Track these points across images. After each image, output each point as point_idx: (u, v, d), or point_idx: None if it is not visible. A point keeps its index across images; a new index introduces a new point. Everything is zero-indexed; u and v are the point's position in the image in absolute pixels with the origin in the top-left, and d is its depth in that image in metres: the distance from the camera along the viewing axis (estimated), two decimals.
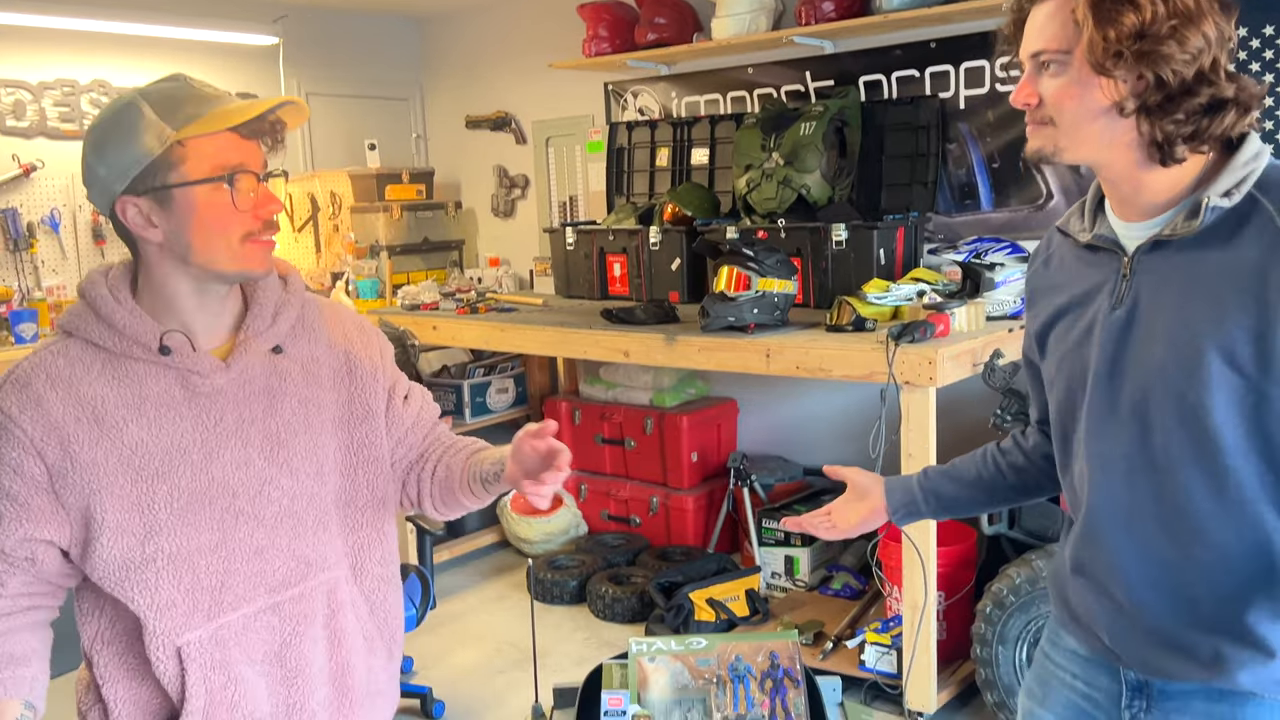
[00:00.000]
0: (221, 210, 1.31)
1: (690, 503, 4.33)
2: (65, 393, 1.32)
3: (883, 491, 1.65)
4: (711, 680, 1.85)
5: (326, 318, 1.53)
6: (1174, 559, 1.26)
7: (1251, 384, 1.17)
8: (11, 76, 4.22)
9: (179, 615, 1.34)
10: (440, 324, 4.16)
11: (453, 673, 3.60)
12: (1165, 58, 1.14)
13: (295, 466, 1.41)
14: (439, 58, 5.59)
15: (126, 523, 1.32)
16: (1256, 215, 1.17)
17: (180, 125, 1.28)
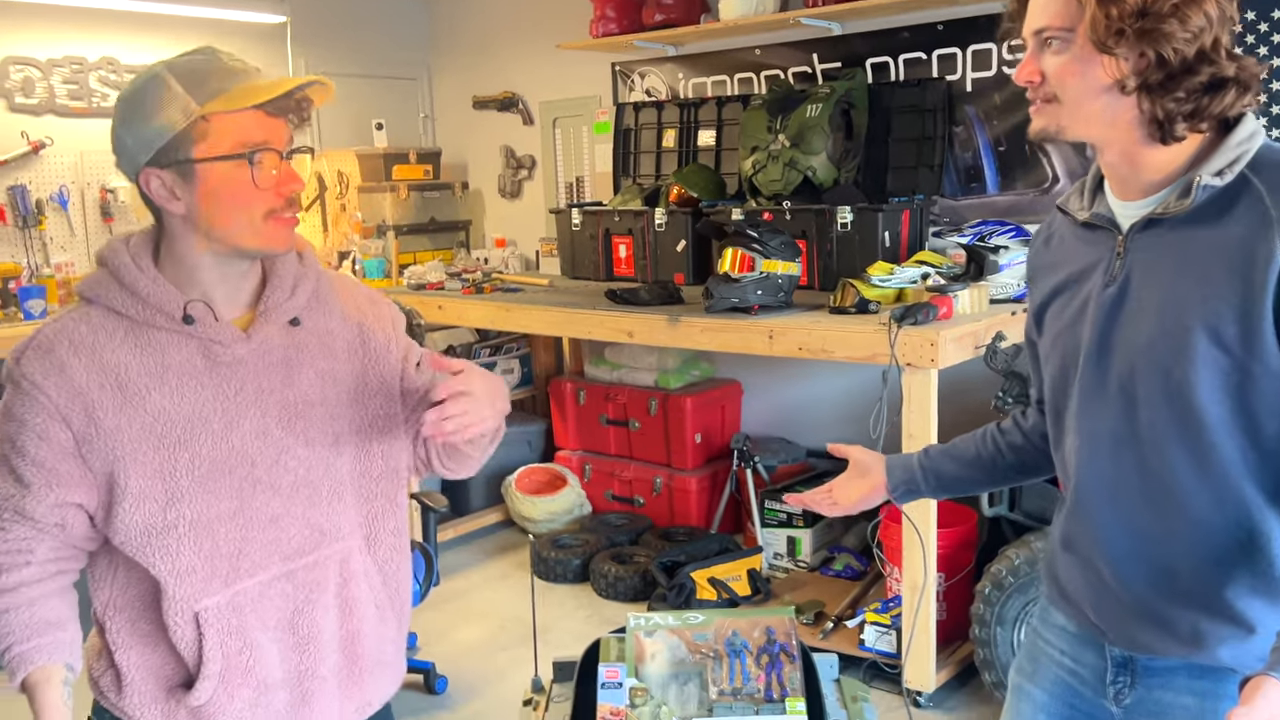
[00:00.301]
0: (242, 187, 1.31)
1: (694, 483, 4.35)
2: (88, 359, 1.33)
3: (883, 469, 1.66)
4: (709, 655, 1.86)
5: (339, 292, 1.54)
6: (1156, 533, 1.28)
7: (1236, 362, 1.18)
8: (21, 54, 4.23)
9: (198, 581, 1.36)
10: (446, 303, 4.18)
11: (456, 649, 3.63)
12: (1167, 36, 1.15)
13: (311, 437, 1.43)
14: (447, 37, 5.59)
15: (149, 489, 1.34)
16: (1247, 195, 1.18)
17: (205, 100, 1.29)
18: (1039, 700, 1.48)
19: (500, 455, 4.95)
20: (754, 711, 1.80)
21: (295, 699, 1.45)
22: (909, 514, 2.98)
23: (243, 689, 1.40)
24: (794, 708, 1.81)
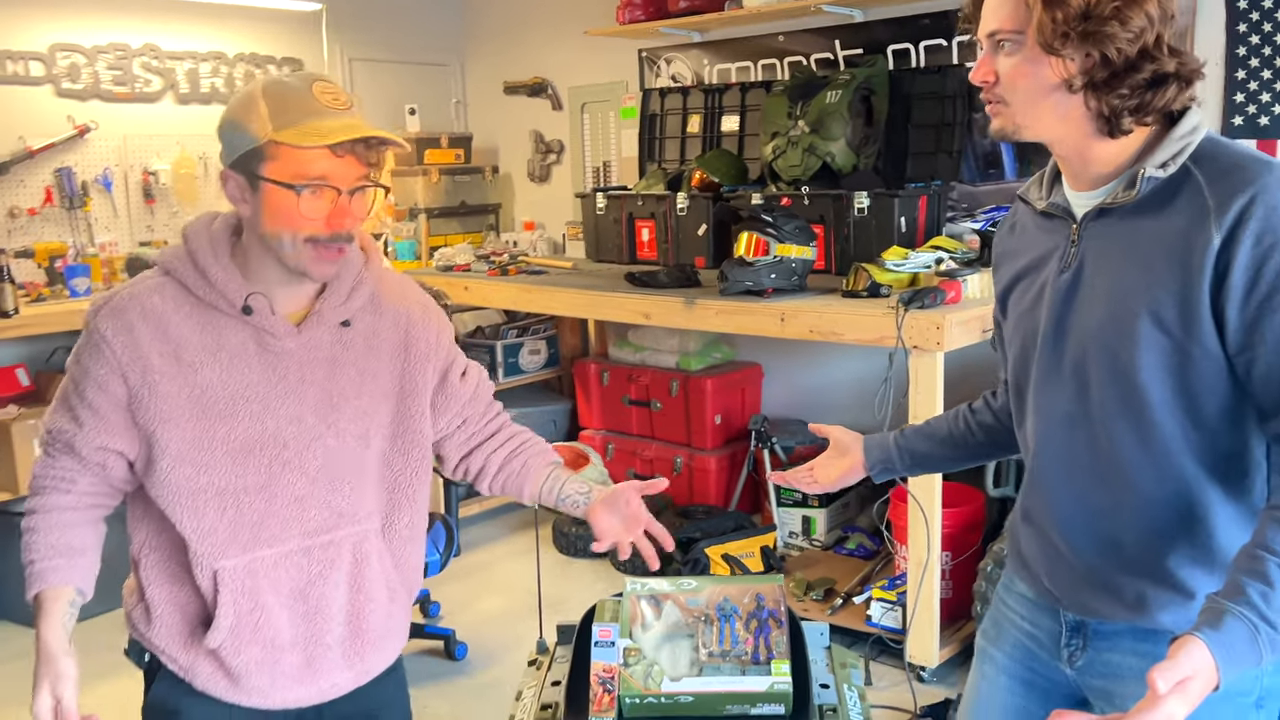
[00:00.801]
0: (289, 212, 1.41)
1: (713, 463, 4.44)
2: (154, 328, 1.47)
3: (861, 449, 1.74)
4: (700, 619, 1.95)
5: (394, 296, 1.64)
6: (1105, 506, 1.35)
7: (1176, 344, 1.24)
8: (68, 41, 4.39)
9: (218, 543, 1.49)
10: (472, 285, 4.29)
11: (477, 618, 3.76)
12: (1109, 36, 1.21)
13: (342, 428, 1.54)
14: (479, 24, 5.69)
15: (186, 453, 1.47)
16: (1188, 186, 1.24)
17: (280, 127, 1.38)
18: (1001, 663, 1.56)
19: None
20: (741, 671, 1.89)
21: (302, 662, 1.57)
22: (914, 492, 3.06)
23: (252, 646, 1.52)
24: (779, 669, 1.89)
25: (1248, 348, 1.21)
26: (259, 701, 1.56)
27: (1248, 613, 1.11)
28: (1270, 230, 1.17)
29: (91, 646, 1.62)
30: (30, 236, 4.28)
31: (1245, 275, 1.18)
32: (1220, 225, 1.19)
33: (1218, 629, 1.10)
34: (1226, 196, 1.20)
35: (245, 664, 1.53)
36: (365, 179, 1.45)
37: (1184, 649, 1.09)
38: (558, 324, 5.08)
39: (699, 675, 1.90)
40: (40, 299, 4.03)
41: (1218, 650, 1.09)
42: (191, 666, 1.54)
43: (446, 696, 3.27)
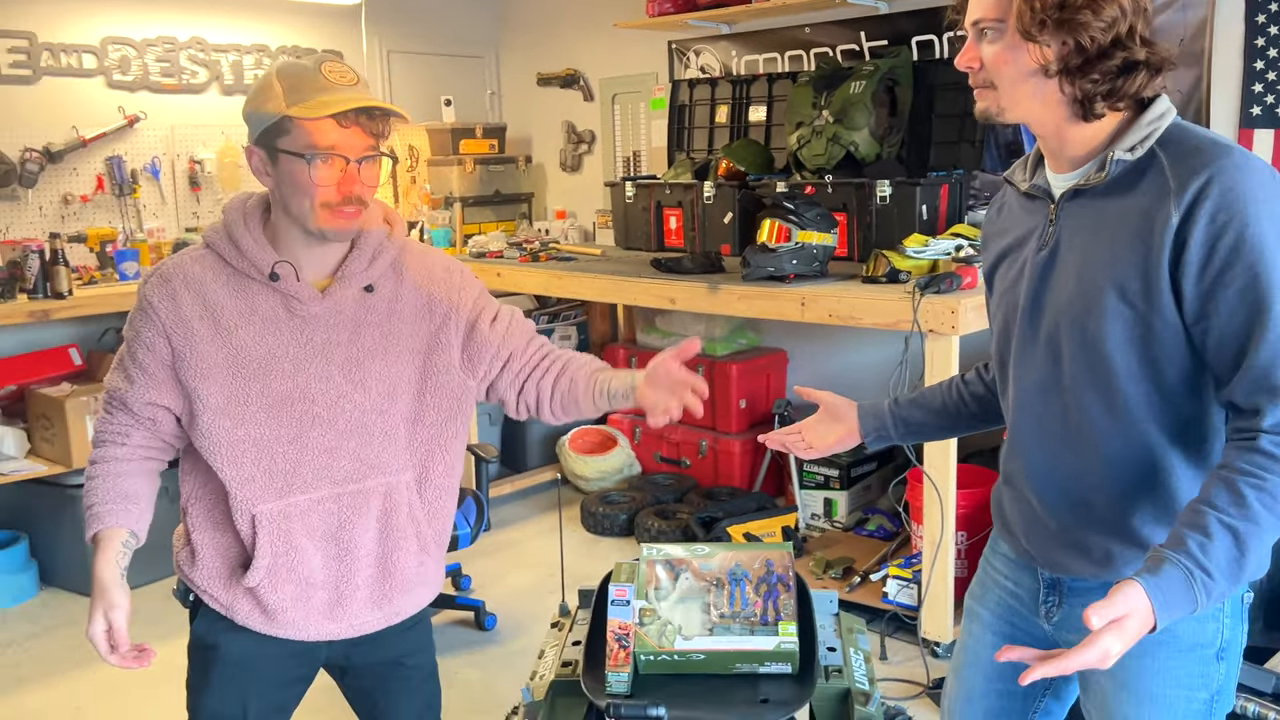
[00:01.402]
0: (303, 180, 1.56)
1: (737, 446, 4.54)
2: (195, 294, 1.63)
3: (856, 415, 1.81)
4: (712, 583, 2.06)
5: (415, 262, 1.75)
6: (1075, 469, 1.44)
7: (1139, 315, 1.33)
8: (118, 34, 4.56)
9: (256, 489, 1.64)
10: (504, 271, 4.42)
11: (507, 591, 3.90)
12: (1083, 25, 1.30)
13: (369, 385, 1.67)
14: (513, 18, 5.81)
15: (225, 408, 1.62)
16: (1153, 168, 1.33)
17: (293, 103, 1.54)
18: (986, 620, 1.66)
19: None
20: (750, 632, 2.00)
21: (332, 600, 1.71)
22: (929, 473, 3.15)
23: (287, 584, 1.67)
24: (786, 630, 2.00)
25: (1202, 318, 1.30)
26: (292, 634, 1.70)
27: (1184, 560, 1.21)
28: (1224, 209, 1.26)
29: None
30: (83, 222, 4.46)
31: (1200, 251, 1.27)
32: (1179, 204, 1.28)
33: (1155, 574, 1.20)
34: (1185, 177, 1.29)
35: (280, 600, 1.67)
36: (372, 149, 1.58)
37: (1121, 591, 1.19)
38: (587, 310, 5.20)
39: (710, 635, 2.02)
40: (92, 282, 4.20)
41: (1154, 593, 1.18)
42: (231, 604, 1.69)
43: (477, 664, 3.40)
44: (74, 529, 3.84)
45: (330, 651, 1.78)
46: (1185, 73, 3.51)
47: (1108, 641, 1.16)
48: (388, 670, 1.85)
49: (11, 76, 4.28)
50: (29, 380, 4.02)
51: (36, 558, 4.02)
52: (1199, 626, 1.40)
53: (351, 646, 1.78)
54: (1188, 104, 3.52)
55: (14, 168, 4.22)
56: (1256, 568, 1.27)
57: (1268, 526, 1.24)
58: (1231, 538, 1.22)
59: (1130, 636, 1.17)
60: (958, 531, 3.29)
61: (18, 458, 3.89)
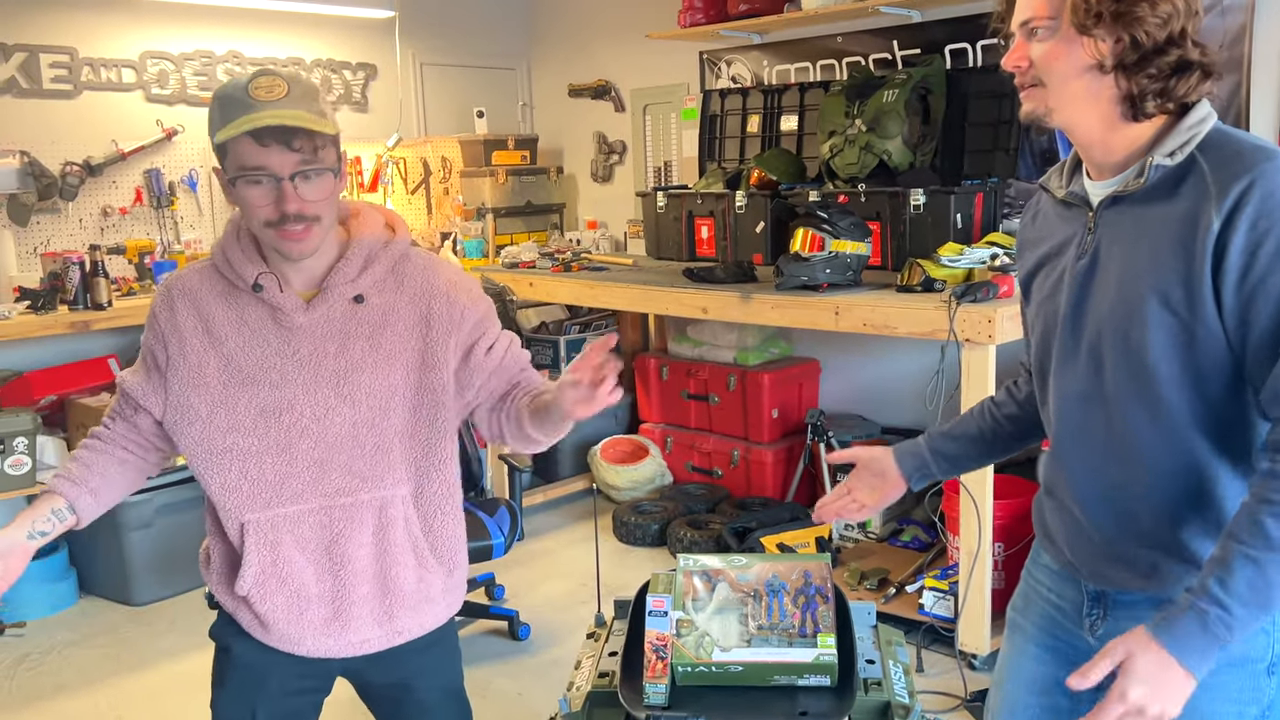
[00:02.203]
0: (244, 202, 1.56)
1: (770, 456, 4.53)
2: (191, 304, 1.66)
3: (895, 463, 1.75)
4: (750, 594, 2.05)
5: (418, 273, 1.71)
6: (1119, 480, 1.42)
7: (1183, 323, 1.31)
8: (156, 48, 4.63)
9: (242, 499, 1.65)
10: (536, 281, 4.43)
11: (540, 601, 3.90)
12: (1139, 19, 1.29)
13: (358, 399, 1.64)
14: (545, 30, 5.84)
15: (213, 417, 1.64)
16: (1194, 173, 1.31)
17: (218, 129, 1.53)
18: (1029, 632, 1.64)
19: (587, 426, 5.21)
20: (788, 644, 1.98)
21: (329, 614, 1.69)
22: (966, 484, 3.12)
23: (278, 595, 1.67)
24: (825, 642, 1.99)
25: (1241, 325, 1.28)
26: (290, 648, 1.70)
27: (1199, 601, 1.25)
28: (1265, 215, 1.24)
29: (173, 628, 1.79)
30: (122, 234, 4.52)
31: (1241, 258, 1.25)
32: (1220, 209, 1.26)
33: (1166, 619, 1.26)
34: (1226, 182, 1.27)
35: (272, 611, 1.67)
36: (305, 164, 1.52)
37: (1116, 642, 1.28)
38: (619, 319, 5.21)
39: (748, 646, 2.01)
40: (130, 293, 4.26)
41: (1162, 634, 1.25)
42: (235, 610, 1.71)
43: (511, 675, 3.40)
44: (113, 538, 3.89)
45: (344, 667, 1.76)
46: (1225, 78, 3.47)
47: (1125, 688, 1.24)
48: (400, 694, 1.81)
49: (53, 91, 4.35)
50: (69, 390, 4.08)
51: (75, 566, 4.07)
52: (1248, 640, 1.38)
53: (365, 664, 1.76)
54: (1227, 110, 3.48)
55: (55, 181, 4.28)
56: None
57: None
58: (1253, 568, 1.23)
59: (1147, 679, 1.24)
60: (995, 542, 3.26)
61: (57, 466, 3.94)
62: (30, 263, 4.25)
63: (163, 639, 3.67)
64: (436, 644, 1.82)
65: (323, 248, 1.65)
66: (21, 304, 3.88)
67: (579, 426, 2.38)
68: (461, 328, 1.71)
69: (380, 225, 1.73)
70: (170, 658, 3.53)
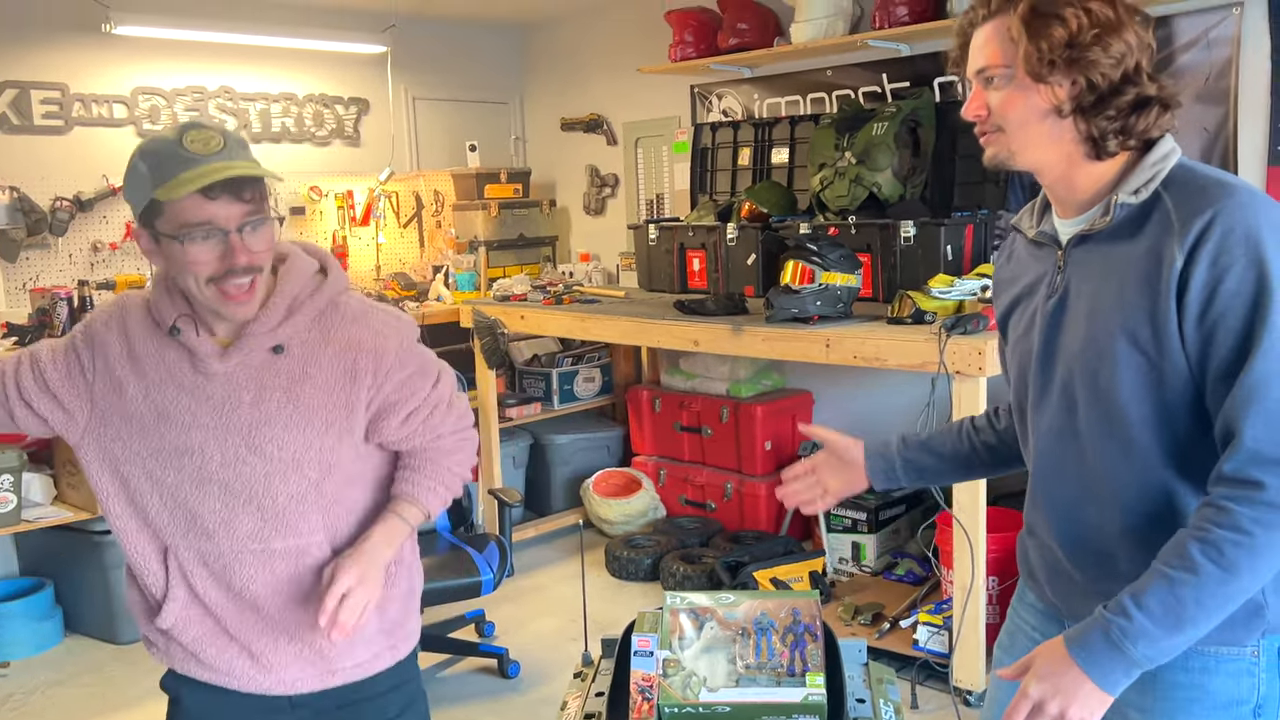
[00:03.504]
0: (184, 260, 1.48)
1: (763, 489, 4.49)
2: (121, 328, 1.61)
3: (863, 456, 1.74)
4: (738, 632, 2.02)
5: (345, 324, 1.63)
6: (1095, 519, 1.41)
7: (1151, 362, 1.30)
8: (148, 84, 4.64)
9: (163, 523, 1.61)
10: (528, 314, 4.42)
11: (530, 638, 3.86)
12: (1093, 62, 1.29)
13: (269, 453, 1.58)
14: (537, 64, 5.88)
15: (133, 441, 1.59)
16: (1158, 210, 1.31)
17: (157, 185, 1.45)
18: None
19: (580, 460, 5.19)
20: (776, 683, 1.95)
21: (256, 651, 1.65)
22: (959, 517, 3.09)
23: (200, 625, 1.64)
24: (814, 681, 1.95)
25: (1202, 361, 1.27)
26: (225, 681, 1.66)
27: (1106, 612, 1.28)
28: (1225, 251, 1.23)
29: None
30: (111, 269, 4.51)
31: (1201, 293, 1.25)
32: (1183, 246, 1.26)
33: (1080, 629, 1.30)
34: (1188, 219, 1.27)
35: (198, 641, 1.64)
36: (251, 214, 1.49)
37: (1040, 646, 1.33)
38: (611, 352, 5.19)
39: (735, 686, 1.98)
40: None
41: (1069, 641, 1.29)
42: (166, 649, 1.69)
43: (500, 714, 3.36)
44: (99, 575, 3.85)
45: (297, 711, 1.71)
46: (1212, 110, 3.48)
47: (1025, 685, 1.30)
48: None
49: (44, 127, 4.36)
50: None
51: (61, 604, 4.02)
52: (1234, 682, 1.35)
53: (317, 710, 1.71)
54: (1214, 142, 3.49)
55: (45, 216, 4.28)
56: (1208, 616, 1.25)
57: (1210, 575, 1.23)
58: (1166, 585, 1.25)
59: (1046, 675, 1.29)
60: (989, 576, 3.23)
61: (44, 504, 3.90)
62: (19, 298, 4.24)
63: (148, 678, 3.59)
64: (395, 689, 1.77)
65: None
66: (9, 340, 3.87)
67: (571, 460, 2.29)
68: (384, 387, 1.64)
69: (309, 271, 1.64)
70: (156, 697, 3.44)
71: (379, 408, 1.65)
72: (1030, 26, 1.30)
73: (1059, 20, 1.29)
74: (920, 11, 3.99)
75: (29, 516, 3.80)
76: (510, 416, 4.82)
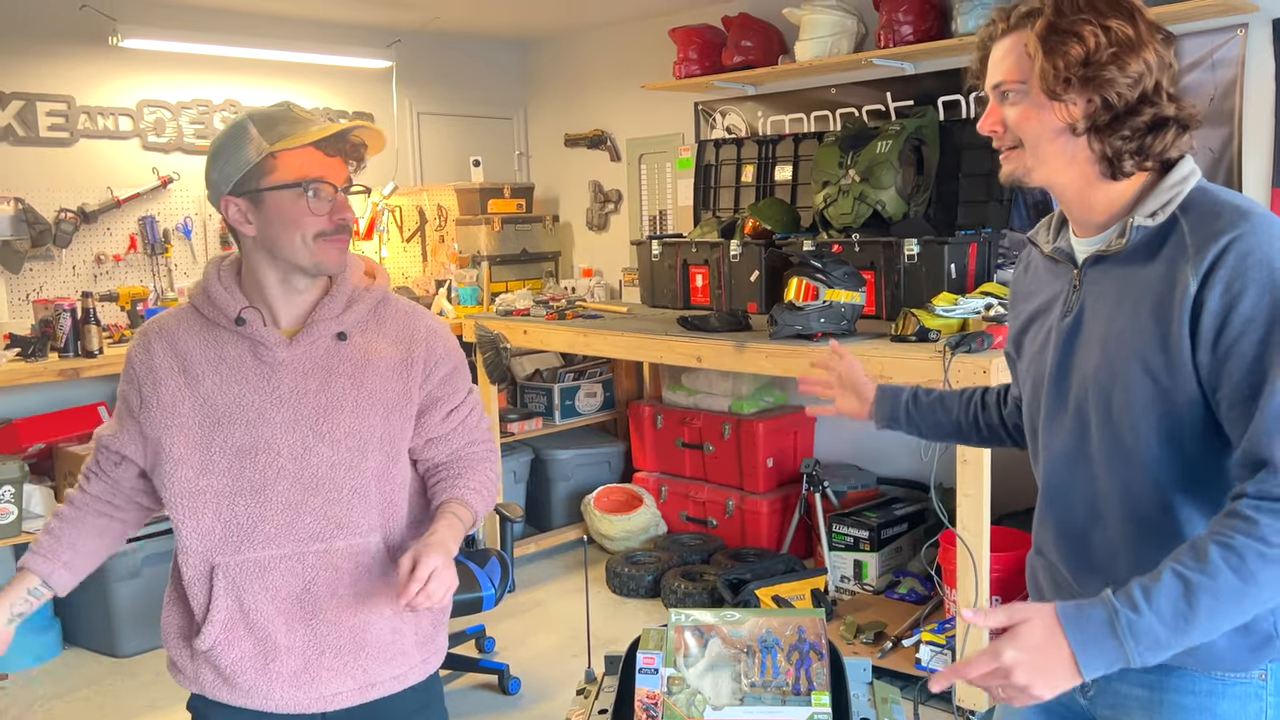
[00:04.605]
0: (299, 212, 1.57)
1: (765, 506, 4.48)
2: (168, 345, 1.64)
3: (873, 398, 1.85)
4: (742, 650, 2.01)
5: (399, 317, 1.73)
6: (1102, 541, 1.40)
7: (1163, 389, 1.29)
8: (154, 97, 4.66)
9: (214, 541, 1.61)
10: (530, 328, 4.42)
11: (531, 654, 3.84)
12: (1109, 82, 1.28)
13: (337, 439, 1.61)
14: (541, 79, 5.89)
15: (187, 457, 1.60)
16: (1174, 234, 1.30)
17: (274, 140, 1.55)
18: None
19: (581, 475, 5.18)
20: (782, 702, 1.94)
21: (299, 666, 1.64)
22: (963, 536, 3.08)
23: (245, 642, 1.62)
24: (819, 700, 1.94)
25: (1216, 388, 1.26)
26: (259, 704, 1.64)
27: (1114, 599, 1.18)
28: (1240, 276, 1.22)
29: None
30: (115, 281, 4.52)
31: (1215, 319, 1.23)
32: (1197, 271, 1.25)
33: (1078, 604, 1.19)
34: (1204, 243, 1.26)
35: (239, 661, 1.62)
36: (349, 180, 1.61)
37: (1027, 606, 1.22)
38: (613, 368, 5.19)
39: (740, 705, 1.97)
40: (123, 340, 4.24)
41: (1065, 616, 1.18)
42: (196, 673, 1.66)
43: None
44: (98, 588, 3.83)
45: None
46: (1216, 131, 3.49)
47: (1000, 646, 1.18)
48: None
49: (50, 139, 4.36)
50: (57, 438, 4.04)
51: (60, 617, 4.00)
52: (1240, 706, 1.34)
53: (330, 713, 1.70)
54: (1219, 163, 3.50)
55: (49, 228, 4.28)
56: (1215, 624, 1.20)
57: (1227, 583, 1.17)
58: (1181, 586, 1.17)
59: (1029, 646, 1.17)
60: (992, 596, 3.22)
61: (44, 516, 3.89)
62: (22, 310, 4.24)
63: (147, 692, 3.60)
64: (423, 708, 1.77)
65: (309, 286, 1.66)
66: (11, 351, 3.86)
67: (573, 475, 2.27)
68: (432, 378, 1.72)
69: (360, 271, 1.74)
70: (154, 711, 3.46)
71: (426, 400, 1.71)
72: (1047, 43, 1.30)
73: (1076, 38, 1.28)
74: (924, 30, 4.01)
75: (30, 528, 3.79)
76: (512, 431, 4.81)
